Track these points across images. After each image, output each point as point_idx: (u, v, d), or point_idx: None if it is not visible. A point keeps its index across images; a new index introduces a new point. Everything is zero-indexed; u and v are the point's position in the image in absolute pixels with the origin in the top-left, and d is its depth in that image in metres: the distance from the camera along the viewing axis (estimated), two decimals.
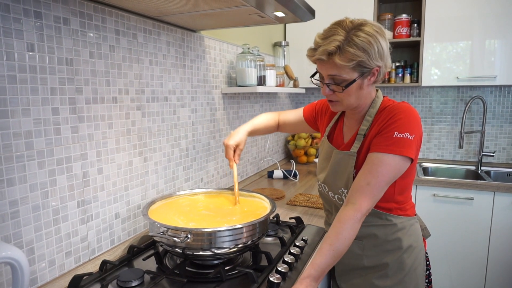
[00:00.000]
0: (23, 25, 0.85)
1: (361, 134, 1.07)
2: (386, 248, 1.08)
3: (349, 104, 1.04)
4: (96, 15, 1.05)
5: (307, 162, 2.65)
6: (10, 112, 0.84)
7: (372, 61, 0.96)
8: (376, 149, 0.99)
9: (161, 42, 1.34)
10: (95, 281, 0.99)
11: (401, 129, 0.97)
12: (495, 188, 2.05)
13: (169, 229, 0.97)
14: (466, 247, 2.16)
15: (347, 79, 0.98)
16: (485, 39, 2.24)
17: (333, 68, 0.98)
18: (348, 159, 1.07)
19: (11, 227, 0.85)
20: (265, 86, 1.90)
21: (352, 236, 0.95)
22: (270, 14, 1.23)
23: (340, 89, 1.00)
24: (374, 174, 0.97)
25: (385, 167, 0.96)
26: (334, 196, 1.14)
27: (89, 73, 1.04)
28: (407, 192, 1.10)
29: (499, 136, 2.57)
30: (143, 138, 1.27)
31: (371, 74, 1.00)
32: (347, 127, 1.16)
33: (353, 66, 0.96)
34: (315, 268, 0.91)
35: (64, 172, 0.98)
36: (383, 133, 1.00)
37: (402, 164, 0.98)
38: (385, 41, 0.99)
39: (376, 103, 1.07)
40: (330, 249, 0.93)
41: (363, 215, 0.96)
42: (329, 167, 1.14)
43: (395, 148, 0.96)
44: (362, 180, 0.98)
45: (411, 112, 1.00)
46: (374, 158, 0.98)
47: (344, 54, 0.94)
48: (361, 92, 1.03)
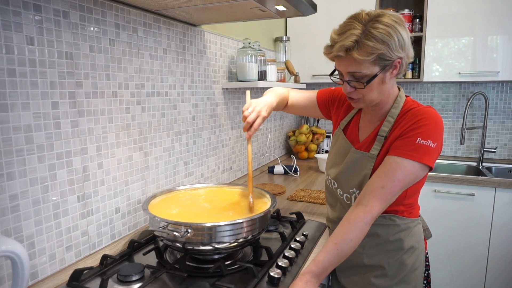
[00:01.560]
0: (22, 18, 0.85)
1: (382, 136, 1.02)
2: (387, 248, 1.06)
3: (371, 100, 1.00)
4: (96, 9, 1.05)
5: (307, 158, 2.64)
6: (9, 105, 0.83)
7: (393, 53, 0.91)
8: (396, 153, 0.95)
9: (161, 36, 1.33)
10: (96, 275, 0.99)
11: (425, 136, 0.93)
12: (496, 184, 2.04)
13: (169, 223, 0.97)
14: (467, 243, 2.16)
15: (368, 74, 0.93)
16: (487, 35, 2.23)
17: (352, 64, 0.93)
18: (367, 160, 1.04)
19: (11, 221, 0.85)
20: (266, 81, 1.89)
21: (360, 238, 0.93)
22: (271, 8, 1.22)
23: (362, 85, 0.95)
24: (390, 178, 0.93)
25: (403, 172, 0.93)
26: (343, 194, 1.12)
27: (89, 67, 1.04)
28: (416, 195, 1.08)
29: (500, 132, 2.57)
30: (143, 133, 1.27)
31: (393, 67, 0.95)
32: (364, 122, 1.12)
33: (374, 60, 0.91)
34: (317, 265, 0.90)
35: (64, 166, 0.97)
36: (405, 137, 0.96)
37: (420, 171, 0.95)
38: (406, 31, 0.94)
39: (399, 103, 1.03)
40: (334, 248, 0.91)
41: (373, 218, 0.94)
42: (344, 165, 1.10)
43: (415, 154, 0.93)
44: (377, 183, 0.95)
45: (437, 120, 0.96)
46: (392, 162, 0.95)
47: (363, 48, 0.89)
48: (383, 87, 0.98)
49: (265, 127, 2.36)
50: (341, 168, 1.11)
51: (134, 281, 0.96)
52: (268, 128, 2.40)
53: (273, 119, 2.50)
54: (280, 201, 1.66)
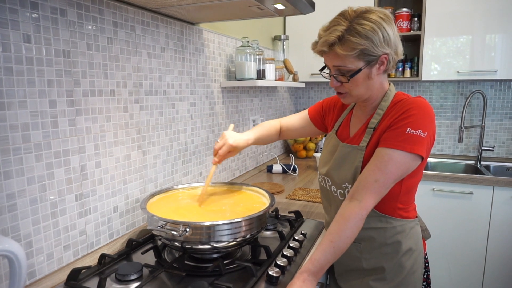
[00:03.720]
0: (19, 15, 0.84)
1: (371, 128, 1.03)
2: (385, 251, 1.05)
3: (358, 94, 1.01)
4: (93, 7, 1.04)
5: (306, 157, 2.64)
6: (6, 104, 0.83)
7: (378, 48, 0.93)
8: (386, 145, 0.95)
9: (159, 34, 1.32)
10: (94, 274, 0.99)
11: (414, 125, 0.93)
12: (494, 182, 2.05)
13: (167, 222, 0.97)
14: (465, 241, 2.17)
15: (353, 69, 0.95)
16: (485, 34, 2.23)
17: (336, 58, 0.95)
18: (356, 153, 1.04)
19: (8, 220, 0.85)
20: (264, 80, 1.89)
21: (355, 233, 0.93)
22: (270, 6, 1.22)
23: (346, 79, 0.97)
24: (383, 171, 0.93)
25: (395, 164, 0.93)
26: (337, 191, 1.11)
27: (87, 66, 1.03)
28: (412, 192, 1.07)
29: (499, 130, 2.57)
30: (141, 132, 1.26)
31: (379, 63, 0.96)
32: (355, 118, 1.13)
33: (357, 55, 0.93)
34: (314, 264, 0.90)
35: (61, 165, 0.97)
36: (394, 128, 0.96)
37: (412, 162, 0.95)
38: (392, 28, 0.95)
39: (389, 96, 1.04)
40: (331, 246, 0.91)
41: (368, 213, 0.94)
42: (334, 160, 1.11)
43: (406, 145, 0.93)
44: (370, 177, 0.94)
45: (426, 109, 0.96)
46: (384, 154, 0.95)
47: (345, 43, 0.92)
48: (370, 82, 0.99)
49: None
50: (331, 163, 1.12)
51: (133, 280, 0.96)
52: None
53: (271, 118, 2.49)
54: (279, 200, 1.66)
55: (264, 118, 2.35)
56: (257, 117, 2.23)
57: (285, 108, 2.80)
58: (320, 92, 3.03)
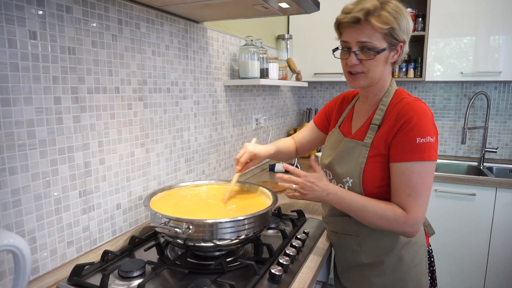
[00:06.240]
0: (25, 12, 0.85)
1: (375, 124, 1.04)
2: (383, 243, 1.06)
3: (373, 76, 1.01)
4: (99, 4, 1.04)
5: (308, 156, 2.64)
6: (12, 100, 0.83)
7: (400, 33, 0.97)
8: (402, 159, 0.96)
9: (164, 32, 1.33)
10: (97, 271, 0.99)
11: (421, 133, 0.94)
12: (497, 184, 2.04)
13: (170, 219, 0.97)
14: (467, 243, 2.16)
15: (378, 47, 0.97)
16: (489, 35, 2.22)
17: (364, 33, 0.96)
18: (361, 149, 1.04)
19: (13, 216, 0.85)
20: (267, 79, 1.89)
21: (377, 225, 0.99)
22: (274, 5, 1.22)
23: (371, 55, 0.97)
24: (409, 185, 0.96)
25: (418, 175, 0.95)
26: (337, 185, 1.12)
27: (92, 63, 1.03)
28: None
29: (502, 132, 2.56)
30: (145, 129, 1.27)
31: (395, 51, 1.00)
32: (357, 113, 1.14)
33: (385, 33, 0.95)
34: (343, 194, 1.01)
35: (66, 161, 0.97)
36: (403, 141, 0.96)
37: (431, 166, 0.97)
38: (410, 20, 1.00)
39: (390, 92, 1.05)
40: (357, 207, 1.00)
41: (410, 227, 0.97)
42: (336, 154, 1.11)
43: (421, 155, 0.94)
44: (401, 194, 0.97)
45: (426, 113, 0.97)
46: (404, 169, 0.96)
47: (381, 17, 0.94)
48: (385, 67, 1.02)
49: (267, 125, 2.35)
50: (333, 156, 1.13)
51: (135, 277, 0.96)
52: (269, 126, 2.40)
53: (274, 117, 2.49)
54: (281, 199, 1.66)
55: (267, 117, 2.35)
56: (260, 116, 2.23)
57: (288, 107, 2.80)
58: (323, 91, 3.03)
